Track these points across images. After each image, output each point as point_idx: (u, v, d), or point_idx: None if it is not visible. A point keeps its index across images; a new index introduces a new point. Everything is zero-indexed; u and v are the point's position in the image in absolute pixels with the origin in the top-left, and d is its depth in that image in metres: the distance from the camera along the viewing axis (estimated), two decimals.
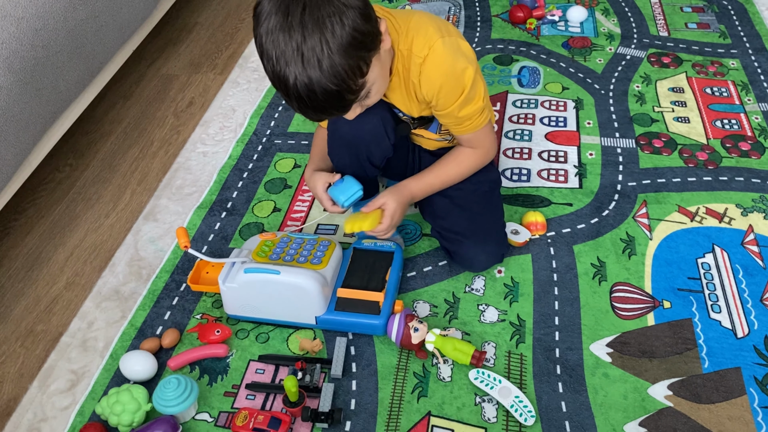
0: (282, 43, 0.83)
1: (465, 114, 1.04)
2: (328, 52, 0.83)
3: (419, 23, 1.01)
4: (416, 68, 1.00)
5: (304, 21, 0.82)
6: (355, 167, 1.16)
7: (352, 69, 0.86)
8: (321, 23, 0.83)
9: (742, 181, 1.34)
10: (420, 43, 0.99)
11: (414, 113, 1.10)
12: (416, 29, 1.00)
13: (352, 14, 0.85)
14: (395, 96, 1.08)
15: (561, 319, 1.11)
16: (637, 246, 1.22)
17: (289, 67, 0.84)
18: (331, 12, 0.83)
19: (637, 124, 1.50)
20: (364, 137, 1.09)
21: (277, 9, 0.83)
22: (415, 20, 1.01)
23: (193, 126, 1.62)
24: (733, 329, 1.08)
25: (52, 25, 1.30)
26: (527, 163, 1.42)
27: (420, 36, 0.99)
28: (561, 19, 1.87)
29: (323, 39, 0.83)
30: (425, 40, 0.99)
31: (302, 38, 0.82)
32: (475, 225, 1.15)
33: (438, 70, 0.99)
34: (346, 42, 0.84)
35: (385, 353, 1.08)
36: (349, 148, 1.12)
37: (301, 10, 0.82)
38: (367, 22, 0.88)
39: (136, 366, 1.04)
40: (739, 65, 1.65)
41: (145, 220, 1.36)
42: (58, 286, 1.26)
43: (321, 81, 0.84)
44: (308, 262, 1.10)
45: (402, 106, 1.09)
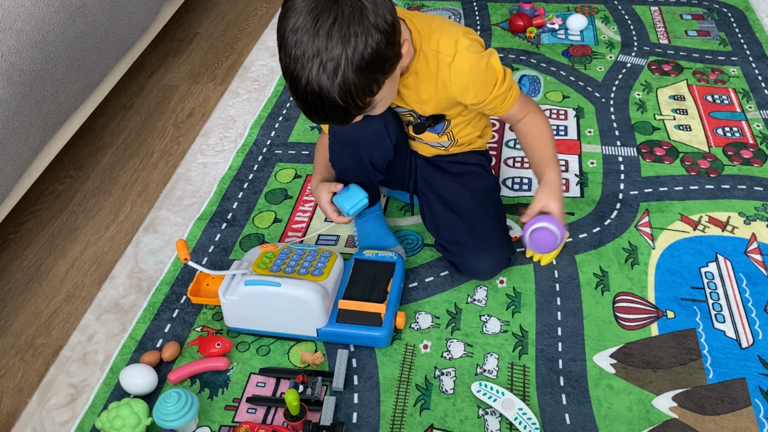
0: (304, 45, 0.85)
1: (503, 90, 1.07)
2: (345, 68, 0.85)
3: (441, 24, 1.04)
4: (445, 67, 1.03)
5: (332, 32, 0.84)
6: (357, 170, 1.16)
7: (363, 88, 0.88)
8: (346, 38, 0.84)
9: (745, 189, 1.33)
10: (446, 42, 1.02)
11: (428, 111, 1.11)
12: (440, 29, 1.03)
13: (378, 37, 0.87)
14: (410, 94, 1.09)
15: (564, 330, 1.10)
16: (639, 255, 1.21)
17: (304, 69, 0.85)
18: (359, 31, 0.85)
19: (639, 132, 1.50)
20: (366, 137, 1.10)
21: (309, 11, 0.85)
22: (437, 22, 1.05)
23: (194, 137, 1.62)
24: (738, 339, 1.07)
25: (51, 37, 1.30)
26: (528, 172, 1.42)
27: (445, 35, 1.02)
28: (561, 27, 1.87)
29: (344, 54, 0.84)
30: (451, 39, 1.02)
31: (324, 47, 0.84)
32: (477, 234, 1.14)
33: (468, 64, 1.02)
34: (364, 62, 0.86)
35: (387, 365, 1.07)
36: (350, 148, 1.12)
37: (332, 20, 0.84)
38: (390, 47, 0.90)
39: (136, 380, 1.03)
40: (740, 72, 1.65)
41: (145, 232, 1.36)
42: (58, 299, 1.25)
43: (331, 93, 0.86)
44: (309, 273, 1.10)
45: (416, 105, 1.10)
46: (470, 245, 1.13)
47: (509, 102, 1.10)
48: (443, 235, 1.17)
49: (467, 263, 1.15)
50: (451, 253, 1.16)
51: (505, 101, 1.09)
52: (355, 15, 0.84)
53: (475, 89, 1.05)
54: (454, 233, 1.14)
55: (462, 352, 1.08)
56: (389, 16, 0.89)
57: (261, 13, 2.13)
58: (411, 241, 1.28)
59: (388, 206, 1.37)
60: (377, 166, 1.16)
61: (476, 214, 1.16)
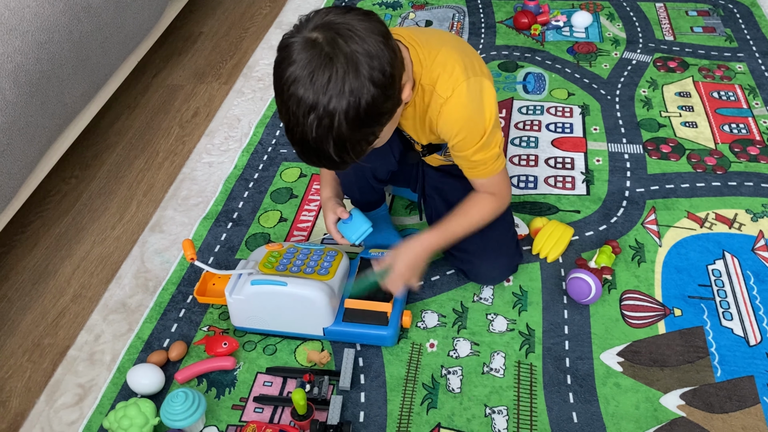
0: (299, 98, 0.82)
1: (479, 159, 1.02)
2: (339, 123, 0.82)
3: (446, 59, 0.98)
4: (436, 106, 0.98)
5: (327, 88, 0.81)
6: (360, 183, 1.16)
7: (359, 142, 0.87)
8: (341, 94, 0.82)
9: (752, 186, 1.33)
10: (444, 83, 0.97)
11: (423, 141, 1.10)
12: (443, 65, 0.97)
13: (374, 92, 0.83)
14: (408, 124, 1.07)
15: (571, 328, 1.10)
16: (646, 253, 1.21)
17: (299, 125, 0.83)
18: (354, 87, 0.82)
19: (644, 129, 1.49)
20: (369, 155, 1.09)
21: (304, 65, 0.82)
22: (442, 54, 0.98)
23: (199, 136, 1.62)
24: (746, 337, 1.07)
25: (57, 38, 1.30)
26: (534, 170, 1.41)
27: (445, 74, 0.97)
28: (566, 24, 1.86)
29: (339, 109, 0.82)
30: (450, 81, 0.96)
31: (319, 102, 0.81)
32: (485, 242, 1.13)
33: (459, 114, 0.97)
34: (359, 118, 0.83)
35: (394, 364, 1.07)
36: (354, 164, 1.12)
37: (326, 79, 0.81)
38: (388, 100, 0.87)
39: (143, 379, 1.04)
40: (746, 69, 1.64)
41: (151, 232, 1.36)
42: (64, 299, 1.26)
43: (327, 149, 0.85)
44: (315, 273, 1.10)
45: (413, 133, 1.09)
46: (479, 252, 1.13)
47: (480, 171, 1.04)
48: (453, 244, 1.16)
49: (476, 270, 1.14)
50: (459, 260, 1.16)
51: (475, 168, 1.04)
52: (350, 72, 0.81)
53: (459, 139, 1.00)
54: (462, 241, 1.13)
55: (468, 351, 1.08)
56: (387, 68, 0.85)
57: (265, 12, 2.13)
58: None
59: (394, 206, 1.37)
60: (380, 177, 1.16)
61: None
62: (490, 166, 1.03)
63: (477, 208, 1.09)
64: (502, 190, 1.09)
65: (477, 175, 1.05)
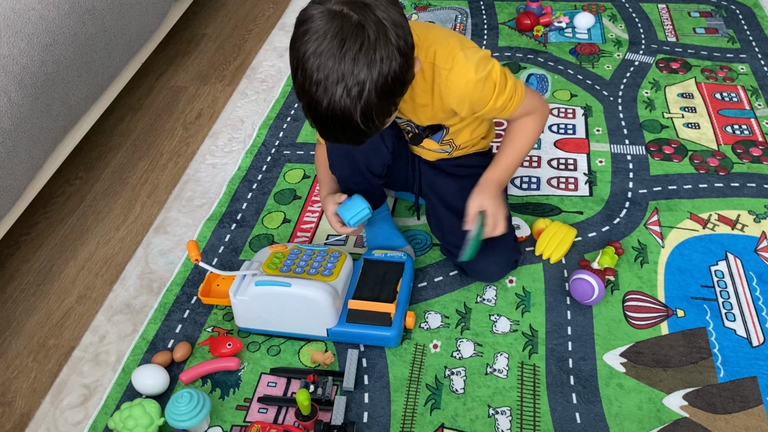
0: (328, 69, 0.83)
1: (503, 101, 1.05)
2: (369, 91, 0.84)
3: (438, 35, 1.02)
4: (442, 79, 1.01)
5: (358, 57, 0.82)
6: (356, 177, 1.16)
7: (383, 111, 0.88)
8: (372, 63, 0.83)
9: (755, 187, 1.33)
10: (443, 55, 1.01)
11: (424, 122, 1.10)
12: (436, 41, 1.01)
13: (401, 61, 0.86)
14: (406, 106, 1.08)
15: (574, 329, 1.10)
16: (649, 254, 1.21)
17: (326, 93, 0.84)
18: (384, 55, 0.84)
19: (647, 130, 1.49)
20: (362, 147, 1.10)
21: (334, 35, 0.82)
22: (434, 33, 1.03)
23: (202, 137, 1.63)
24: (748, 338, 1.07)
25: (62, 40, 1.31)
26: (536, 172, 1.42)
27: (441, 48, 1.01)
28: (568, 26, 1.86)
29: (369, 78, 0.83)
30: (447, 52, 1.00)
31: (350, 71, 0.83)
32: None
33: (467, 77, 1.00)
34: (387, 86, 0.85)
35: (397, 365, 1.07)
36: (347, 158, 1.13)
37: (359, 45, 0.82)
38: (409, 70, 0.89)
39: (148, 380, 1.04)
40: (749, 70, 1.65)
41: (155, 233, 1.36)
42: (69, 300, 1.26)
43: (354, 117, 0.85)
44: (319, 273, 1.10)
45: (412, 115, 1.10)
46: None
47: (511, 108, 1.08)
48: (449, 240, 1.17)
49: (474, 267, 1.15)
50: (456, 257, 1.16)
51: (505, 109, 1.07)
52: (381, 39, 0.83)
53: (471, 102, 1.04)
54: (459, 238, 1.14)
55: (472, 352, 1.08)
56: (409, 39, 0.88)
57: (268, 14, 2.13)
58: (420, 241, 1.28)
59: (397, 207, 1.37)
60: (376, 172, 1.16)
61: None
62: (515, 98, 1.07)
63: (522, 134, 1.12)
64: (535, 104, 1.12)
65: (511, 111, 1.08)
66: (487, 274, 1.16)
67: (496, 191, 1.11)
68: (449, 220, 1.17)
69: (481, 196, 1.10)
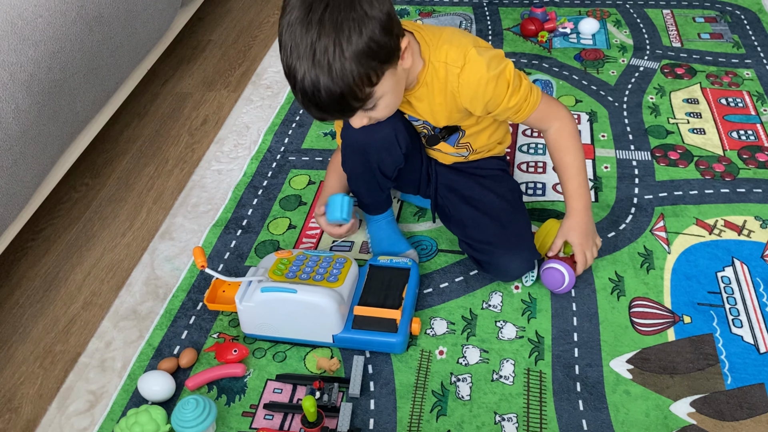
0: (298, 38, 0.86)
1: (516, 101, 1.06)
2: (340, 56, 0.86)
3: (451, 36, 1.04)
4: (454, 78, 1.03)
5: (323, 20, 0.85)
6: (366, 176, 1.17)
7: (360, 77, 0.88)
8: (339, 26, 0.85)
9: (761, 193, 1.33)
10: (455, 54, 1.02)
11: (441, 123, 1.11)
12: (449, 41, 1.03)
13: (372, 24, 0.87)
14: (423, 107, 1.09)
15: (580, 335, 1.10)
16: (655, 260, 1.21)
17: (300, 61, 0.86)
18: (351, 17, 0.86)
19: (652, 136, 1.49)
20: (375, 145, 1.11)
21: (301, 3, 0.86)
22: (447, 33, 1.05)
23: (208, 144, 1.63)
24: (756, 344, 1.07)
25: (69, 47, 1.32)
26: (542, 177, 1.41)
27: (453, 47, 1.02)
28: (573, 31, 1.86)
29: (337, 41, 0.85)
30: (459, 50, 1.02)
31: (317, 37, 0.85)
32: (507, 233, 1.14)
33: (479, 75, 1.01)
34: (359, 50, 0.87)
35: (403, 372, 1.07)
36: (361, 155, 1.13)
37: (322, 9, 0.85)
38: (386, 35, 0.90)
39: (154, 386, 1.04)
40: (754, 75, 1.64)
41: (161, 239, 1.37)
42: (75, 306, 1.27)
43: (327, 83, 0.87)
44: (324, 279, 1.10)
45: (429, 116, 1.10)
46: (500, 244, 1.13)
47: (526, 111, 1.09)
48: (471, 235, 1.16)
49: (496, 262, 1.14)
50: (479, 252, 1.15)
51: (520, 110, 1.08)
52: (347, 3, 0.86)
53: (484, 101, 1.05)
54: (482, 232, 1.14)
55: (478, 358, 1.08)
56: (385, 6, 0.89)
57: (273, 20, 2.14)
58: (425, 247, 1.28)
59: (402, 212, 1.37)
60: (387, 173, 1.16)
61: (505, 213, 1.16)
62: (531, 98, 1.07)
63: (565, 150, 1.13)
64: (556, 110, 1.12)
65: (527, 113, 1.09)
66: (509, 269, 1.14)
67: (580, 222, 1.14)
68: (471, 215, 1.17)
69: (566, 229, 1.14)
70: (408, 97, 1.08)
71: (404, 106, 1.10)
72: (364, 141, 1.11)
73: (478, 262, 1.17)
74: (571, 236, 1.14)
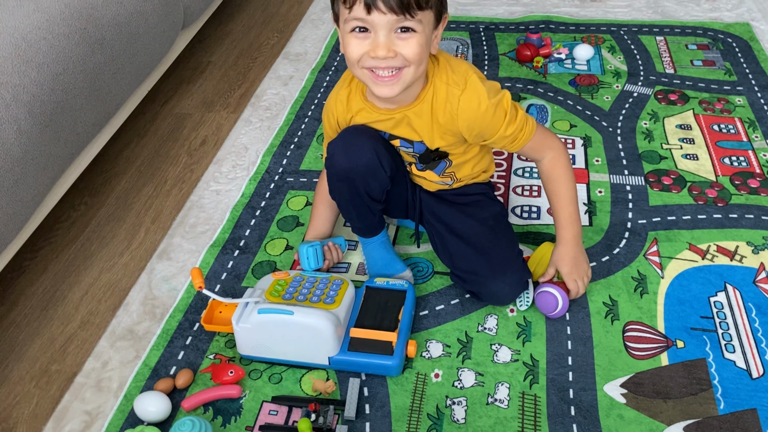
0: None
1: (512, 130, 1.09)
2: None
3: (451, 59, 1.10)
4: (454, 99, 1.06)
5: None
6: (356, 202, 1.18)
7: None
8: None
9: (752, 219, 1.34)
10: (456, 77, 1.07)
11: (435, 143, 1.13)
12: (450, 67, 1.08)
13: None
14: (423, 124, 1.11)
15: (574, 359, 1.11)
16: (648, 284, 1.22)
17: None
18: None
19: (646, 161, 1.51)
20: (359, 170, 1.12)
21: None
22: (446, 56, 1.10)
23: (206, 164, 1.65)
24: (748, 370, 1.07)
25: (71, 69, 1.33)
26: (537, 201, 1.43)
27: (455, 73, 1.07)
28: (567, 57, 1.89)
29: None
30: (460, 74, 1.07)
31: None
32: (491, 260, 1.15)
33: (478, 100, 1.05)
34: None
35: (399, 394, 1.08)
36: (346, 182, 1.15)
37: None
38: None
39: (150, 407, 1.04)
40: (746, 102, 1.67)
41: (158, 259, 1.38)
42: (72, 325, 1.27)
43: None
44: (321, 301, 1.11)
45: (427, 134, 1.13)
46: (486, 272, 1.14)
47: (521, 141, 1.11)
48: (458, 266, 1.18)
49: (486, 290, 1.15)
50: (469, 283, 1.18)
51: (516, 140, 1.11)
52: None
53: (481, 127, 1.08)
54: (468, 263, 1.16)
55: (473, 381, 1.09)
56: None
57: (273, 43, 2.17)
58: (422, 269, 1.29)
59: (399, 234, 1.38)
60: (375, 196, 1.18)
61: (487, 241, 1.17)
62: (526, 129, 1.11)
63: (557, 180, 1.16)
64: (550, 141, 1.15)
65: (523, 142, 1.12)
66: (500, 295, 1.16)
67: (569, 251, 1.16)
68: (457, 246, 1.19)
69: (555, 258, 1.17)
70: (407, 112, 1.10)
71: (402, 126, 1.13)
72: (347, 167, 1.12)
73: (470, 292, 1.20)
74: (561, 266, 1.16)
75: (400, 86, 1.01)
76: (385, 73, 0.99)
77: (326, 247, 1.28)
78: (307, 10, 2.32)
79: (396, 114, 1.11)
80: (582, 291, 1.17)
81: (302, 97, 1.84)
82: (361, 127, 1.15)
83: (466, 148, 1.16)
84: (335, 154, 1.13)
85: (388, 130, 1.15)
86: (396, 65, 0.99)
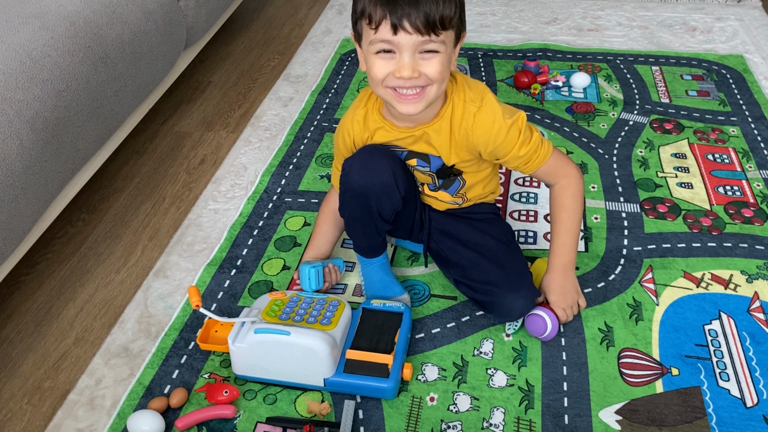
0: None
1: (526, 151, 1.11)
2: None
3: (467, 79, 1.13)
4: (470, 116, 1.09)
5: None
6: (365, 220, 1.19)
7: (457, 5, 1.00)
8: None
9: (746, 248, 1.36)
10: (473, 95, 1.10)
11: (452, 160, 1.15)
12: (468, 85, 1.12)
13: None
14: (441, 140, 1.13)
15: (569, 385, 1.11)
16: (644, 311, 1.23)
17: None
18: None
19: (641, 188, 1.53)
20: (375, 189, 1.13)
21: None
22: (471, 80, 1.14)
23: (205, 183, 1.65)
24: (742, 398, 1.08)
25: (74, 86, 1.35)
26: (534, 226, 1.44)
27: (472, 90, 1.11)
28: (564, 84, 1.92)
29: None
30: (477, 93, 1.10)
31: None
32: (507, 273, 1.17)
33: (494, 117, 1.08)
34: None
35: (394, 418, 1.07)
36: (360, 199, 1.16)
37: None
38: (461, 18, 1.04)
39: (143, 426, 1.04)
40: (739, 132, 1.70)
41: (155, 277, 1.37)
42: (67, 342, 1.26)
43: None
44: (318, 322, 1.11)
45: (444, 150, 1.15)
46: (502, 284, 1.15)
47: (535, 163, 1.13)
48: (472, 276, 1.18)
49: (499, 302, 1.15)
50: (480, 293, 1.17)
51: (530, 161, 1.12)
52: None
53: (495, 144, 1.10)
54: (483, 273, 1.16)
55: (468, 406, 1.09)
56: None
57: (273, 64, 2.19)
58: (418, 291, 1.30)
59: (396, 256, 1.39)
60: (385, 216, 1.19)
61: (503, 255, 1.19)
62: (541, 151, 1.12)
63: (563, 207, 1.17)
64: (566, 167, 1.16)
65: (537, 165, 1.13)
66: (513, 308, 1.15)
67: (557, 278, 1.17)
68: (470, 257, 1.20)
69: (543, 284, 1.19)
70: (427, 129, 1.13)
71: (421, 143, 1.15)
72: (364, 184, 1.14)
73: (480, 302, 1.19)
74: (548, 293, 1.18)
75: (423, 104, 1.04)
76: (410, 92, 1.02)
77: (326, 268, 1.28)
78: (308, 33, 2.35)
79: (416, 131, 1.13)
80: (570, 318, 1.18)
81: (302, 118, 1.85)
82: (379, 146, 1.17)
83: (480, 167, 1.18)
84: (352, 171, 1.14)
85: (407, 146, 1.17)
86: (420, 84, 1.01)
